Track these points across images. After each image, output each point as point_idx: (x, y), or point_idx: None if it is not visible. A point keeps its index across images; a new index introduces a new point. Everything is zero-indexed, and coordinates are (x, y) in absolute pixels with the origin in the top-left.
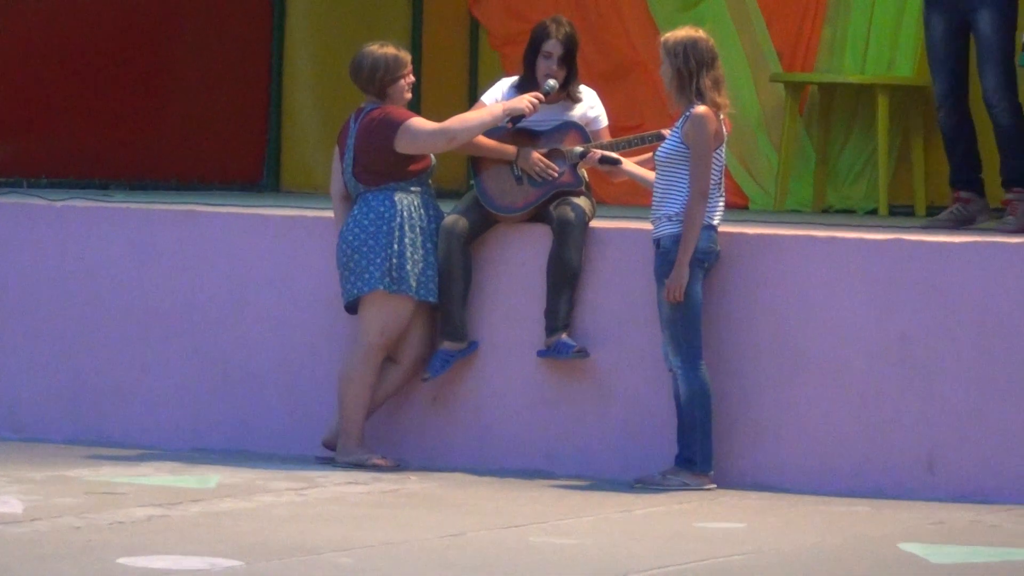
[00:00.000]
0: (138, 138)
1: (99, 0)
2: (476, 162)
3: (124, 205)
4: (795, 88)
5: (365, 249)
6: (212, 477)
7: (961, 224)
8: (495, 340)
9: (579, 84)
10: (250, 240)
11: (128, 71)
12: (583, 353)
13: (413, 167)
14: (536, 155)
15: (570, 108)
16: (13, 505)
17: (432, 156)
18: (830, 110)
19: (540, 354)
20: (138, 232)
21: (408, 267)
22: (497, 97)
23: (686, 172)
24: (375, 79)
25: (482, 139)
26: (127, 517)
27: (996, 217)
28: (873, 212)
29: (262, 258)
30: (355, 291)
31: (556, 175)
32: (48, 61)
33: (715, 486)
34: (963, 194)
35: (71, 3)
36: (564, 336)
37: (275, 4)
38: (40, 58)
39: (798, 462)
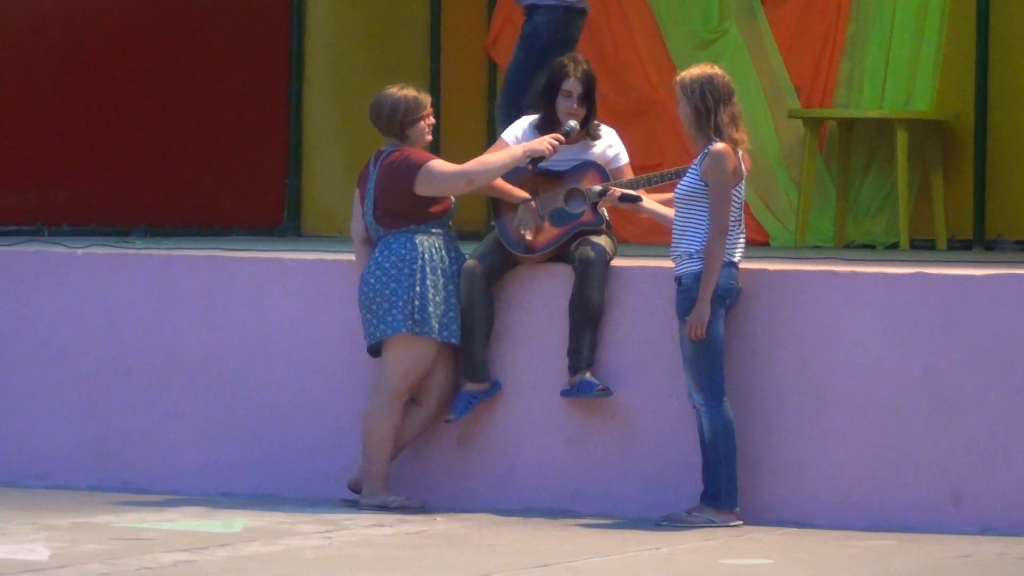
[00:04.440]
0: (158, 184)
1: (119, 48)
2: (497, 203)
3: (145, 252)
4: (814, 124)
5: (387, 292)
6: (238, 521)
7: None
8: (518, 380)
9: (598, 122)
10: (272, 284)
11: (148, 118)
12: (606, 392)
13: (433, 209)
14: (532, 209)
15: (590, 147)
16: (39, 552)
17: (452, 198)
18: (849, 145)
19: (564, 393)
20: (159, 278)
21: (430, 309)
22: (518, 135)
23: (706, 209)
24: (395, 121)
25: (497, 181)
26: (154, 563)
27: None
28: (894, 246)
29: (284, 302)
30: (378, 334)
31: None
32: (68, 109)
33: (741, 522)
34: None
35: (91, 52)
36: (587, 375)
37: (294, 48)
38: (60, 107)
39: (823, 497)
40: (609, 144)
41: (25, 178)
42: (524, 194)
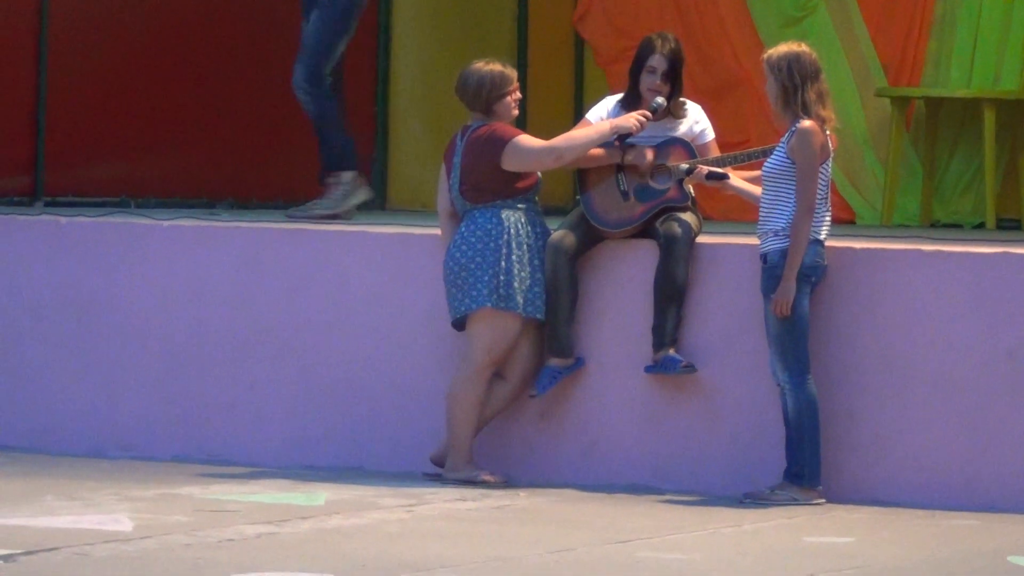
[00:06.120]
0: (245, 157)
1: (205, 24)
2: (582, 178)
3: (231, 224)
4: (901, 103)
5: (472, 266)
6: (321, 494)
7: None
8: (602, 356)
9: (683, 100)
10: (357, 258)
11: (235, 91)
12: (690, 368)
13: (520, 184)
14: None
15: (676, 124)
16: (123, 523)
17: (539, 173)
18: (936, 124)
19: (648, 370)
20: (245, 251)
21: (515, 284)
22: (602, 115)
23: (792, 187)
24: (481, 96)
25: (593, 150)
26: (237, 534)
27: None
28: (981, 226)
29: (369, 276)
30: (463, 308)
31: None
32: (154, 83)
33: (824, 500)
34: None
35: (178, 28)
36: (671, 352)
37: (380, 23)
38: (147, 80)
39: (907, 476)
40: (695, 120)
41: (112, 151)
42: (617, 156)
